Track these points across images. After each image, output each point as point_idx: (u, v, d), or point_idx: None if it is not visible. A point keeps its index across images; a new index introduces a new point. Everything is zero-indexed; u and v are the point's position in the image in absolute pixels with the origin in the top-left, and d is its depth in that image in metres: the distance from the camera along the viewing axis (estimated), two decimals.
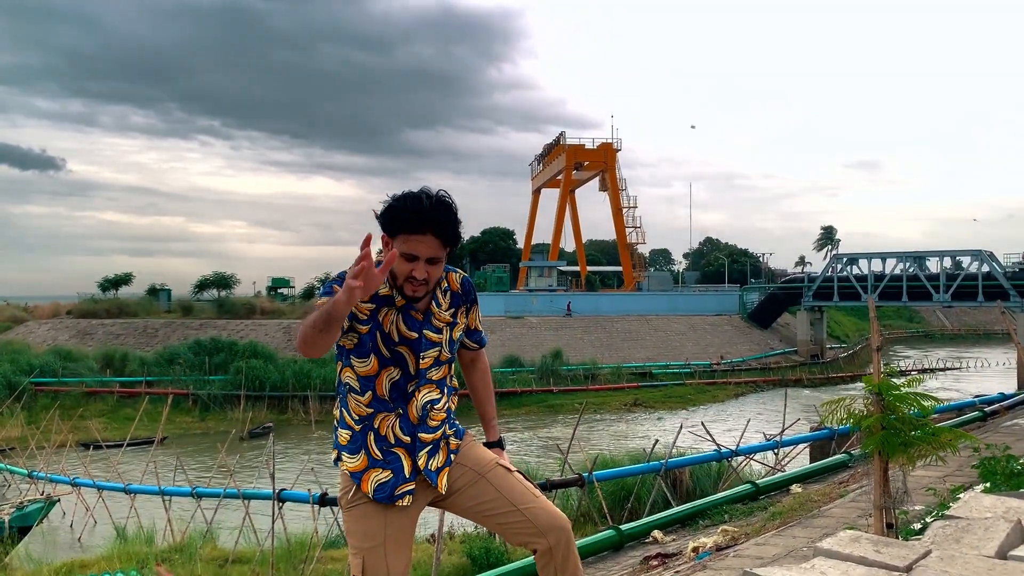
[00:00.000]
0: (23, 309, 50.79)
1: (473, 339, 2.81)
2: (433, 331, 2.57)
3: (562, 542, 2.54)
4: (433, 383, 2.60)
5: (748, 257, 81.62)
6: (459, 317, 2.67)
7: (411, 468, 2.55)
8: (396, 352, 2.52)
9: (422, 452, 2.56)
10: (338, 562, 9.68)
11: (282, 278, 63.14)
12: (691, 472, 11.74)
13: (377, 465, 2.54)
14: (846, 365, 46.06)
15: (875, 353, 3.94)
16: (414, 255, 2.42)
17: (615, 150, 62.60)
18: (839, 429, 12.57)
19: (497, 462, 2.68)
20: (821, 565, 3.13)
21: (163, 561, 10.08)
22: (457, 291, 2.66)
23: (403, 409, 2.55)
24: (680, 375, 39.43)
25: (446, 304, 2.62)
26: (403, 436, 2.55)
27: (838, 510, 6.29)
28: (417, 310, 2.54)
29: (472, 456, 2.68)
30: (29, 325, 45.17)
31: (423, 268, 2.44)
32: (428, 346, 2.56)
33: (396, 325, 2.51)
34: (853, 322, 63.17)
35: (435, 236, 2.42)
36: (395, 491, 2.52)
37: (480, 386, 2.90)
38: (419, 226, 2.40)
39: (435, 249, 2.44)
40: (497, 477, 2.63)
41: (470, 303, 2.71)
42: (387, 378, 2.53)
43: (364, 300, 2.43)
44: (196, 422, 29.72)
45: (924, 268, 45.12)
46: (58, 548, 13.83)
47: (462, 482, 2.62)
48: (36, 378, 30.08)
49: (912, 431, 3.67)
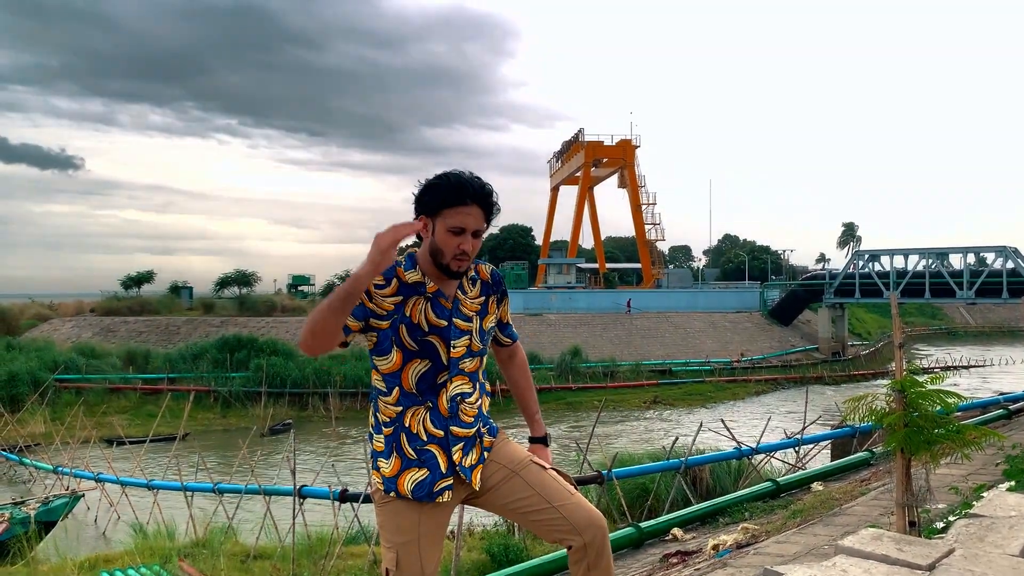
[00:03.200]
0: (48, 307, 51.35)
1: (505, 333, 2.78)
2: (462, 319, 2.54)
3: (597, 540, 2.52)
4: (466, 375, 2.56)
5: (769, 254, 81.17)
6: (490, 307, 2.63)
7: (447, 464, 2.51)
8: (425, 343, 2.48)
9: (456, 447, 2.52)
10: (358, 558, 9.73)
11: (302, 275, 63.58)
12: (711, 470, 11.70)
13: (412, 465, 2.50)
14: (867, 362, 45.69)
15: (897, 350, 3.90)
16: (461, 227, 2.42)
17: (634, 146, 62.41)
18: (860, 427, 12.48)
19: (531, 459, 2.65)
20: (843, 563, 3.11)
21: (185, 556, 10.17)
22: (487, 280, 2.63)
23: (433, 402, 2.51)
24: (700, 372, 39.26)
25: (474, 293, 2.59)
26: (435, 431, 2.51)
27: (860, 508, 6.24)
28: (446, 297, 2.51)
29: (506, 453, 2.64)
30: (53, 322, 45.68)
31: (470, 240, 2.44)
32: (458, 334, 2.52)
33: (425, 314, 2.48)
34: (875, 319, 62.62)
35: (479, 207, 2.44)
36: (433, 488, 2.49)
37: (521, 380, 2.86)
38: (465, 198, 2.41)
39: (480, 221, 2.45)
40: (531, 474, 2.59)
41: (500, 294, 2.68)
42: (413, 371, 2.49)
43: (389, 294, 2.44)
44: (217, 418, 29.94)
45: (947, 264, 44.63)
46: (82, 542, 14.00)
47: (496, 479, 2.59)
48: (60, 375, 30.40)
49: (935, 428, 3.63)
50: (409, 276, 2.48)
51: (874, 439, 11.90)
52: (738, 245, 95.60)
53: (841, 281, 47.77)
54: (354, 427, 27.44)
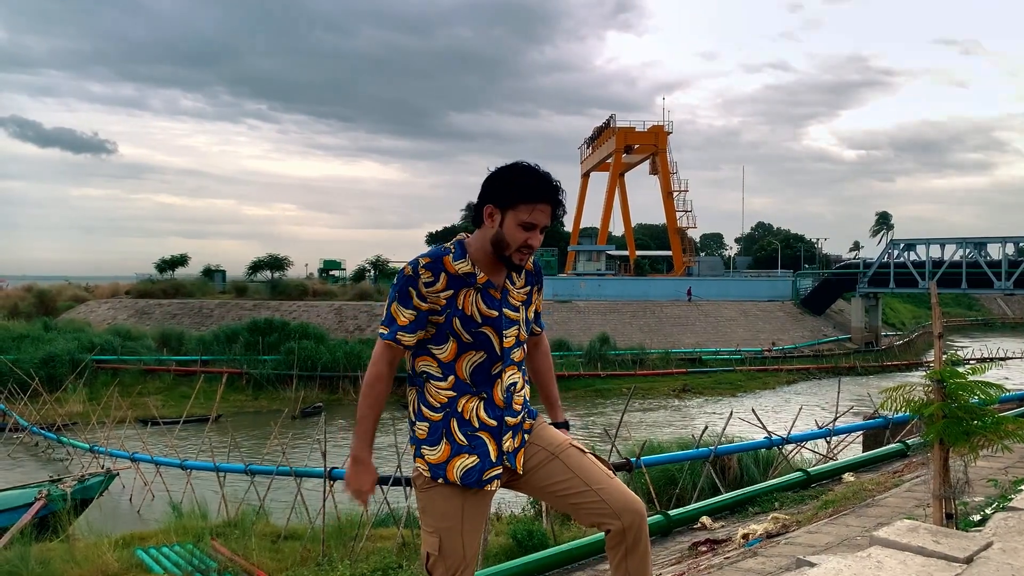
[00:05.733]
0: (84, 289, 52.28)
1: (537, 323, 2.79)
2: (511, 309, 2.56)
3: (635, 524, 2.51)
4: (515, 365, 2.58)
5: (802, 242, 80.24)
6: (533, 297, 2.68)
7: (497, 452, 2.51)
8: (479, 334, 2.50)
9: (506, 435, 2.54)
10: (387, 540, 9.81)
11: (333, 260, 63.95)
12: (739, 459, 11.61)
13: (462, 451, 2.49)
14: (901, 353, 45.11)
15: (937, 340, 3.83)
16: (534, 224, 2.44)
17: (666, 133, 61.90)
18: (894, 418, 12.33)
19: (571, 442, 2.65)
20: (878, 554, 3.06)
21: (218, 536, 10.32)
22: (531, 270, 2.66)
23: (487, 392, 2.52)
24: (730, 361, 38.98)
25: (521, 283, 2.61)
26: (488, 420, 2.51)
27: (893, 499, 6.16)
28: (495, 288, 2.52)
29: (545, 436, 2.65)
30: (90, 304, 46.50)
31: (538, 236, 2.47)
32: (508, 324, 2.54)
33: (476, 305, 2.49)
34: (909, 309, 61.75)
35: (551, 207, 2.47)
36: (483, 476, 2.49)
37: (543, 368, 2.88)
38: (541, 196, 2.44)
39: (548, 218, 2.49)
40: (571, 457, 2.59)
41: (540, 284, 2.72)
42: (468, 362, 2.50)
43: (440, 289, 2.45)
44: (249, 401, 30.29)
45: (985, 254, 43.84)
46: (118, 520, 14.25)
47: (535, 461, 2.59)
48: (97, 356, 30.96)
49: (974, 420, 3.56)
50: (459, 266, 2.48)
51: (908, 430, 11.74)
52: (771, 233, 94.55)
53: (875, 270, 47.15)
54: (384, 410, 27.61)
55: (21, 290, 51.07)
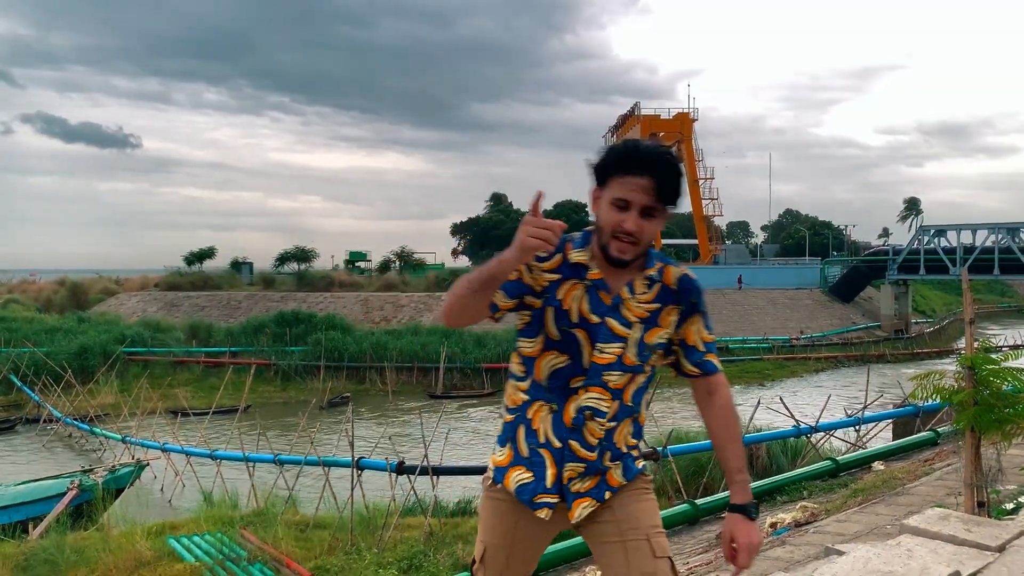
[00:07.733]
0: (114, 282, 53.06)
1: (692, 360, 2.23)
2: (619, 322, 2.09)
3: None
4: (608, 390, 2.12)
5: (830, 229, 79.43)
6: (663, 319, 2.14)
7: (555, 479, 2.14)
8: (569, 335, 2.09)
9: (570, 465, 2.14)
10: (414, 529, 9.86)
11: (359, 251, 64.33)
12: (767, 448, 11.54)
13: (521, 463, 2.17)
14: (932, 340, 44.47)
15: (968, 326, 3.77)
16: (626, 200, 1.98)
17: (692, 120, 61.49)
18: (924, 406, 12.17)
19: (649, 536, 2.15)
20: (908, 542, 3.03)
21: (247, 524, 10.43)
22: (670, 287, 2.14)
23: (559, 405, 2.13)
24: (758, 350, 38.70)
25: (647, 296, 2.12)
26: (553, 438, 2.13)
27: (923, 488, 6.09)
28: (607, 290, 2.09)
29: (628, 511, 2.19)
30: (120, 297, 47.15)
31: (634, 220, 1.99)
32: (608, 337, 2.09)
33: (579, 302, 2.08)
34: (940, 296, 60.91)
35: (654, 181, 1.98)
36: (534, 498, 2.15)
37: (716, 425, 2.25)
38: (635, 166, 1.98)
39: (651, 197, 1.98)
40: (637, 553, 2.12)
41: (686, 308, 2.18)
42: (547, 363, 2.12)
43: (549, 268, 2.08)
44: (277, 391, 30.55)
45: (1018, 239, 43.10)
46: (149, 509, 14.45)
47: (599, 532, 2.19)
48: (128, 347, 31.40)
49: (1007, 407, 3.51)
50: (575, 255, 2.10)
51: (939, 418, 11.60)
52: (798, 220, 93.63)
53: (905, 257, 46.54)
54: (411, 400, 27.76)
55: (54, 283, 51.97)
